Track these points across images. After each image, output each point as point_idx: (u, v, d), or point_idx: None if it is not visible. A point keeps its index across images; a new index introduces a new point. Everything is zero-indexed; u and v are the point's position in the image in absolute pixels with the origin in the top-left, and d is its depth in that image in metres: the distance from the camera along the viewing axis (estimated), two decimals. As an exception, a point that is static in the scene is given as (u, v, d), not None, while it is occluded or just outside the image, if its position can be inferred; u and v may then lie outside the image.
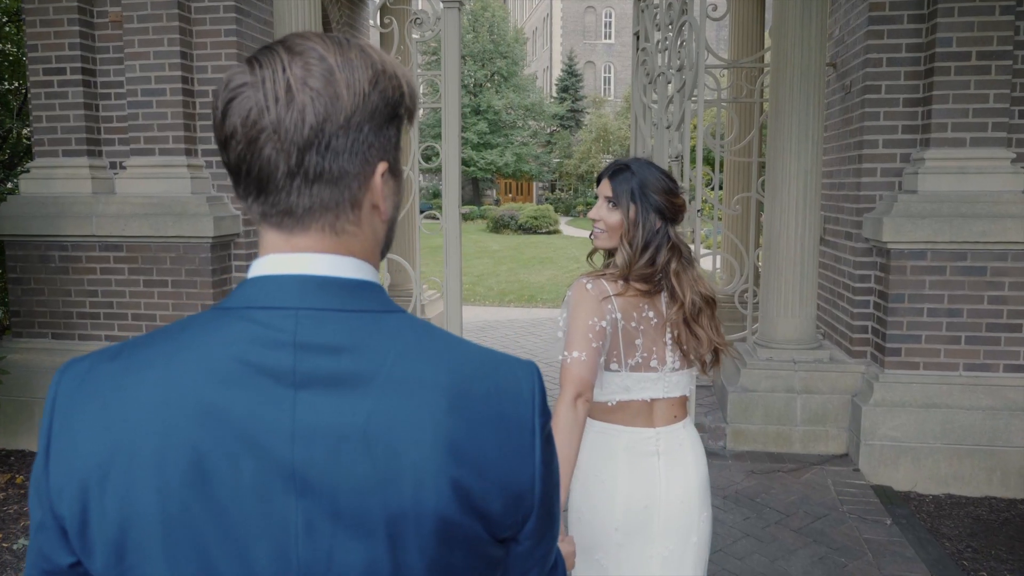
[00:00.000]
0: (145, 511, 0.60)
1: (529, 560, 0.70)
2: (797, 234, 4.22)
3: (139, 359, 0.64)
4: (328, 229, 0.66)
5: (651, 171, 1.73)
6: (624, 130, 33.14)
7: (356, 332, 0.64)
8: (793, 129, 4.16)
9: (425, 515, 0.61)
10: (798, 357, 4.27)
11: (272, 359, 0.62)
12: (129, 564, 0.61)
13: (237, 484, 0.60)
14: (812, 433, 4.18)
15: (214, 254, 4.38)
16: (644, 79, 4.44)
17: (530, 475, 0.66)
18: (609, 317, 1.64)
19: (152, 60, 4.32)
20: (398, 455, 0.61)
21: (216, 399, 0.61)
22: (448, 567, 0.63)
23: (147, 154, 4.41)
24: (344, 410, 0.61)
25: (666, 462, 1.69)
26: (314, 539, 0.60)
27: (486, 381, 0.66)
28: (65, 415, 0.63)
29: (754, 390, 4.22)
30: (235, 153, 0.64)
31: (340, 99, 0.62)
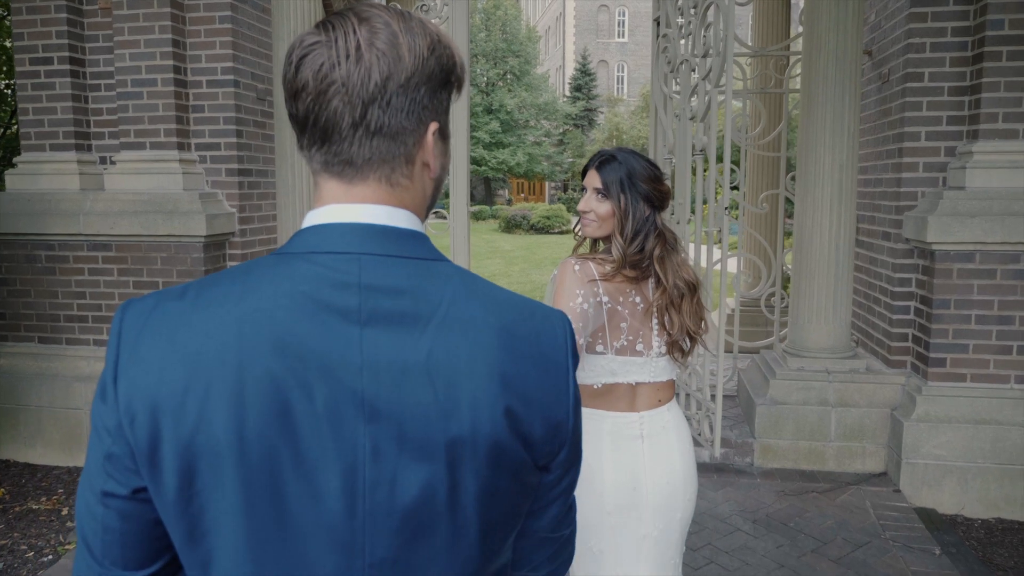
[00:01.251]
0: (221, 437, 0.63)
1: (554, 490, 0.76)
2: (831, 234, 3.91)
3: (207, 297, 0.67)
4: (384, 181, 0.71)
5: (637, 160, 1.75)
6: (639, 129, 32.72)
7: (413, 276, 0.68)
8: (827, 121, 3.85)
9: (480, 439, 0.67)
10: (832, 367, 3.95)
11: (339, 298, 0.66)
12: (198, 488, 0.64)
13: (312, 411, 0.64)
14: (847, 450, 3.86)
15: (207, 254, 4.13)
16: (665, 67, 4.14)
17: (566, 408, 0.73)
18: (593, 300, 1.65)
19: (143, 49, 4.08)
20: (456, 386, 0.66)
21: (290, 332, 0.65)
22: (495, 491, 0.69)
23: (137, 148, 4.17)
24: (406, 346, 0.66)
25: (650, 445, 1.72)
26: (380, 462, 0.65)
27: (528, 323, 0.72)
28: (132, 348, 0.66)
29: (784, 402, 3.91)
30: (304, 104, 0.68)
31: (402, 60, 0.68)
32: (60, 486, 3.89)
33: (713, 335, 3.79)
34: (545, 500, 0.77)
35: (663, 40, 4.18)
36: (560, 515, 0.80)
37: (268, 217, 4.52)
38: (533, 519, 0.78)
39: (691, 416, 3.97)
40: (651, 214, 1.73)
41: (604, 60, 43.23)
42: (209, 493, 0.64)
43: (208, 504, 0.65)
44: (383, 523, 0.66)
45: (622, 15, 44.25)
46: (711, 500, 3.53)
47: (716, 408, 3.59)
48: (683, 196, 3.96)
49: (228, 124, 4.20)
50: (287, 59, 0.70)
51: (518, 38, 34.24)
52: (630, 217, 1.70)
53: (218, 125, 4.21)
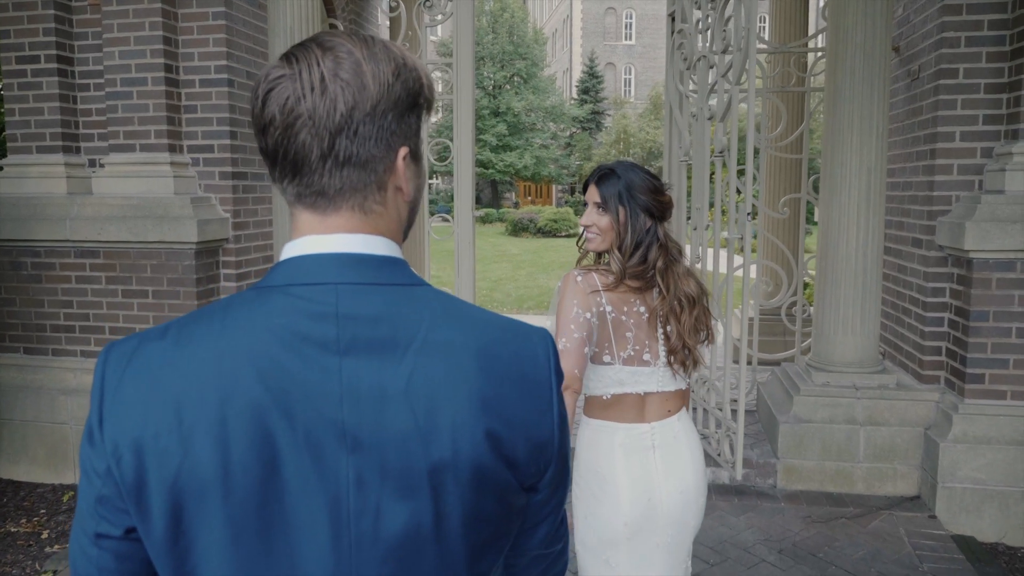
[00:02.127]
0: (205, 473, 0.64)
1: (544, 509, 0.77)
2: (859, 240, 3.67)
3: (187, 335, 0.68)
4: (358, 209, 0.72)
5: (636, 173, 1.76)
6: (647, 132, 32.47)
7: (391, 303, 0.69)
8: (855, 120, 3.61)
9: (463, 464, 0.67)
10: (860, 382, 3.71)
11: (317, 329, 0.67)
12: (185, 526, 0.64)
13: (294, 443, 0.65)
14: (877, 471, 3.62)
15: (199, 261, 3.94)
16: (681, 64, 3.92)
17: (550, 428, 0.73)
18: (597, 310, 1.66)
19: (132, 46, 3.89)
20: (437, 411, 0.67)
21: (269, 366, 0.65)
22: (481, 514, 0.69)
23: (127, 150, 3.98)
24: (386, 373, 0.67)
25: (662, 455, 1.72)
26: (363, 492, 0.66)
27: (508, 345, 0.72)
28: (115, 390, 0.67)
29: (809, 420, 3.67)
30: (273, 138, 0.69)
31: (367, 89, 0.68)
32: (43, 506, 3.70)
33: (728, 347, 3.56)
34: (535, 519, 0.77)
35: (678, 36, 3.96)
36: (551, 532, 0.81)
37: (264, 223, 4.32)
38: (525, 538, 0.78)
39: (709, 435, 3.74)
40: (652, 225, 1.74)
41: (611, 62, 42.99)
42: (196, 530, 0.65)
43: (195, 541, 0.65)
44: (369, 552, 0.66)
45: (629, 17, 44.01)
46: (732, 527, 3.30)
47: (738, 427, 3.36)
48: (701, 201, 3.74)
49: (222, 125, 4.01)
50: (253, 93, 0.71)
51: (525, 41, 34.05)
52: (629, 229, 1.72)
53: (211, 126, 4.02)
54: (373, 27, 6.03)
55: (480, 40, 32.97)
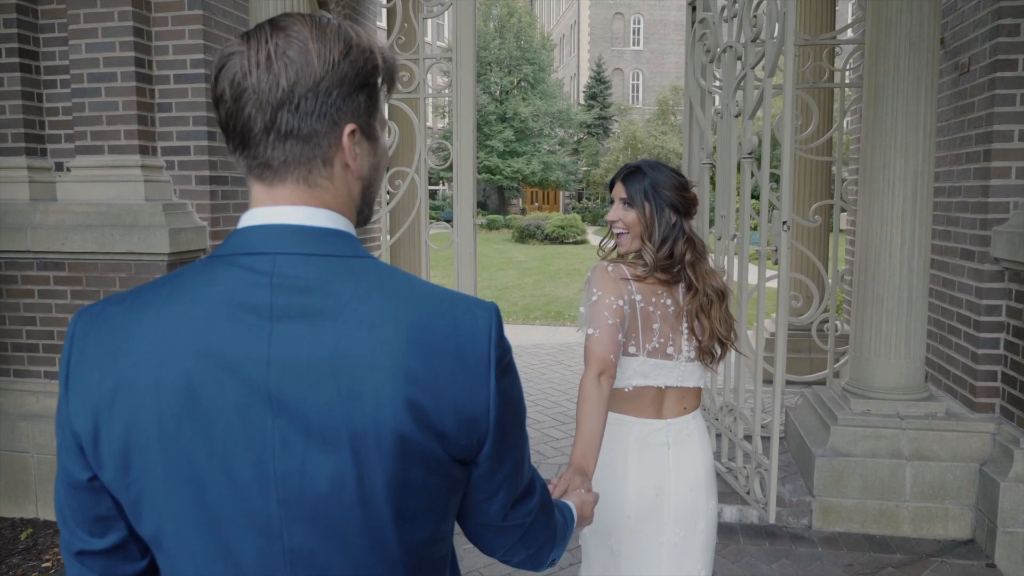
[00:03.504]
0: (145, 430, 0.69)
1: (492, 482, 0.77)
2: (904, 252, 3.28)
3: (140, 301, 0.73)
4: (302, 182, 0.74)
5: (661, 170, 1.79)
6: (655, 138, 32.07)
7: (326, 273, 0.71)
8: (899, 118, 3.23)
9: (384, 432, 0.68)
10: (904, 410, 3.32)
11: (253, 296, 0.70)
12: (133, 476, 0.70)
13: (223, 405, 0.68)
14: (926, 512, 3.22)
15: (172, 274, 3.58)
16: (703, 57, 3.55)
17: (484, 401, 0.73)
18: (628, 297, 1.68)
19: (100, 38, 3.55)
20: (359, 380, 0.68)
21: (204, 333, 0.69)
22: (407, 481, 0.70)
23: (94, 152, 3.64)
24: (313, 340, 0.69)
25: (675, 452, 1.75)
26: (289, 453, 0.69)
27: (444, 317, 0.72)
28: (80, 351, 0.73)
29: (849, 454, 3.27)
30: (224, 111, 0.73)
31: (311, 66, 0.71)
32: (-4, 545, 3.34)
33: (758, 370, 3.17)
34: (486, 491, 0.78)
35: (700, 27, 3.59)
36: (507, 505, 0.81)
37: (246, 231, 3.96)
38: (481, 512, 0.80)
39: (736, 469, 3.35)
40: (678, 220, 1.76)
41: (619, 68, 42.67)
42: (141, 483, 0.70)
43: (143, 493, 0.71)
44: (296, 510, 0.69)
45: (637, 23, 43.69)
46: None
47: (771, 464, 2.97)
48: (726, 207, 3.36)
49: (199, 125, 3.66)
50: (211, 70, 0.74)
51: (532, 46, 33.76)
52: (656, 224, 1.74)
53: (187, 126, 3.67)
54: (370, 18, 5.69)
55: (487, 45, 32.70)
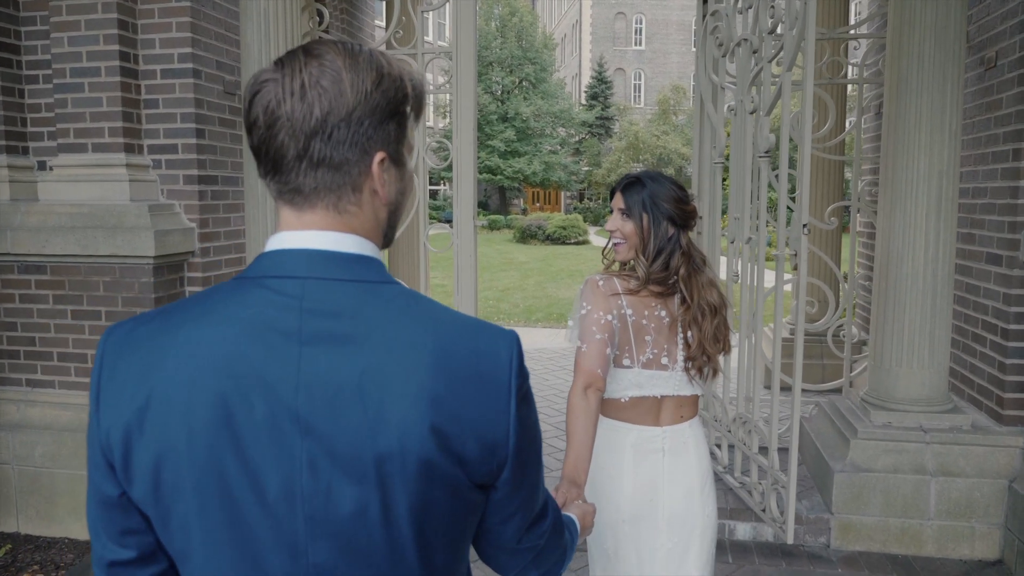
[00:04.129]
0: (177, 448, 0.70)
1: (509, 506, 0.79)
2: (927, 257, 3.11)
3: (172, 321, 0.74)
4: (332, 208, 0.75)
5: (661, 182, 1.79)
6: (657, 138, 31.88)
7: (354, 299, 0.73)
8: (923, 115, 3.06)
9: (409, 457, 0.69)
10: (927, 423, 3.15)
11: (282, 320, 0.71)
12: (163, 492, 0.71)
13: (253, 423, 0.69)
14: (951, 530, 3.05)
15: (159, 278, 3.42)
16: (715, 50, 3.38)
17: (504, 428, 0.74)
18: (617, 312, 1.71)
19: (83, 31, 3.39)
20: (386, 405, 0.69)
21: (235, 353, 0.70)
22: (429, 505, 0.71)
23: (77, 151, 3.48)
24: (341, 365, 0.70)
25: (670, 459, 1.76)
26: (316, 475, 0.69)
27: (468, 344, 0.74)
28: (111, 369, 0.73)
29: (870, 469, 3.10)
30: (257, 137, 0.74)
31: (344, 96, 0.72)
32: (-28, 563, 3.18)
33: (776, 381, 3.00)
34: (502, 515, 0.79)
35: (712, 19, 3.42)
36: (522, 528, 0.82)
37: (236, 233, 3.80)
38: (496, 535, 0.82)
39: (750, 484, 3.18)
40: (675, 233, 1.76)
41: (621, 68, 42.47)
42: (172, 499, 0.71)
43: (172, 509, 0.72)
44: (322, 528, 0.70)
45: (639, 22, 43.49)
46: (783, 602, 2.74)
47: (789, 481, 2.80)
48: (740, 209, 3.19)
49: (187, 122, 3.50)
50: (244, 94, 0.76)
51: (534, 45, 33.57)
52: (652, 236, 1.74)
53: (175, 123, 3.51)
54: (368, 12, 5.52)
55: (488, 44, 32.53)
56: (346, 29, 5.12)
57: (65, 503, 3.43)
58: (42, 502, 3.45)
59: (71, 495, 3.43)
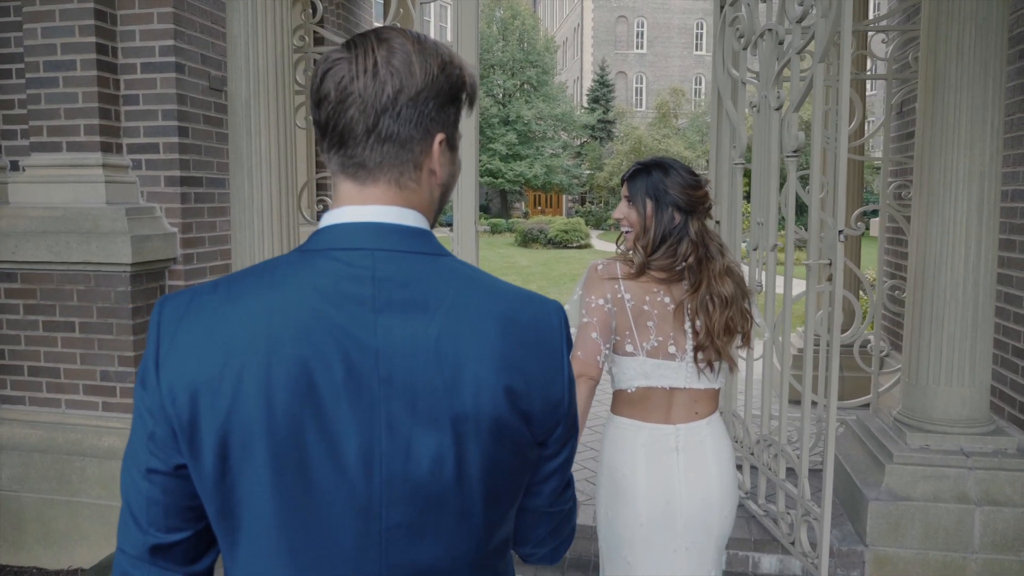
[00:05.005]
0: (252, 414, 0.71)
1: (551, 464, 0.84)
2: (968, 264, 2.87)
3: (237, 291, 0.75)
4: (394, 183, 0.79)
5: (668, 168, 1.74)
6: (658, 141, 31.66)
7: (421, 269, 0.77)
8: (963, 112, 2.82)
9: (483, 416, 0.74)
10: (969, 446, 2.90)
11: (356, 289, 0.74)
12: (231, 463, 0.72)
13: (334, 388, 0.71)
14: (999, 565, 2.80)
15: (136, 287, 3.18)
16: (735, 43, 3.14)
17: (561, 387, 0.81)
18: (613, 296, 1.67)
19: (58, 22, 3.16)
20: (461, 367, 0.74)
21: (313, 319, 0.72)
22: (498, 462, 0.76)
23: (51, 150, 3.25)
24: (417, 331, 0.73)
25: (685, 459, 1.69)
26: (394, 434, 0.73)
27: (525, 311, 0.79)
28: (172, 337, 0.74)
29: (907, 497, 2.85)
30: (326, 112, 0.77)
31: (414, 76, 0.76)
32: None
33: (807, 400, 2.75)
34: (543, 474, 0.84)
35: (731, 9, 3.18)
36: (558, 489, 0.87)
37: (223, 238, 3.57)
38: (532, 495, 0.85)
39: (776, 513, 2.93)
40: (682, 220, 1.71)
41: (623, 71, 42.31)
42: (241, 469, 0.71)
43: (240, 478, 0.72)
44: (398, 490, 0.72)
45: (641, 26, 43.37)
46: (816, 646, 2.49)
47: (823, 513, 2.55)
48: (764, 214, 2.94)
49: (169, 120, 3.27)
50: (314, 72, 0.79)
51: (536, 48, 33.40)
52: (655, 223, 1.70)
53: (156, 121, 3.28)
54: (365, 8, 5.29)
55: (490, 48, 32.36)
56: (342, 25, 4.89)
57: (34, 530, 3.19)
58: (8, 528, 3.21)
59: (41, 521, 3.18)
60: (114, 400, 3.25)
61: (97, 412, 3.26)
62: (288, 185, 3.24)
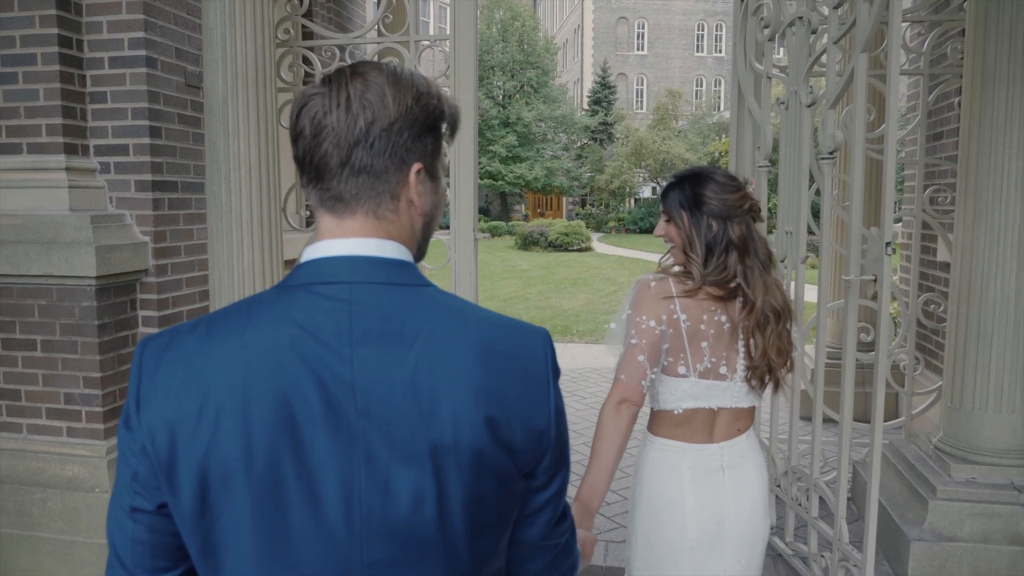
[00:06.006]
0: (230, 452, 0.70)
1: (542, 496, 0.82)
2: (1020, 278, 2.60)
3: (216, 329, 0.76)
4: (371, 215, 0.79)
5: (699, 177, 1.65)
6: (659, 143, 31.36)
7: (400, 300, 0.76)
8: (1015, 109, 2.55)
9: (463, 447, 0.72)
10: (1022, 480, 2.62)
11: (333, 323, 0.74)
12: (211, 502, 0.71)
13: (313, 420, 0.71)
14: (1056, 613, 2.52)
15: (103, 302, 2.90)
16: (759, 34, 2.87)
17: (546, 417, 0.79)
18: (668, 317, 1.58)
19: (16, 12, 2.89)
20: (439, 399, 0.73)
21: (290, 355, 0.72)
22: (482, 497, 0.75)
23: (10, 152, 2.97)
24: (393, 363, 0.73)
25: (731, 476, 1.65)
26: (373, 468, 0.71)
27: (507, 340, 0.78)
28: (152, 377, 0.74)
29: (953, 537, 2.57)
30: (302, 147, 0.79)
31: (387, 108, 0.77)
32: None
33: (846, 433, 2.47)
34: (534, 506, 0.81)
35: None
36: (551, 521, 0.84)
37: (200, 247, 3.29)
38: (524, 528, 0.82)
39: (808, 555, 2.65)
40: (722, 228, 1.60)
41: (623, 73, 42.07)
42: (220, 506, 0.71)
43: (219, 516, 0.71)
44: (378, 528, 0.72)
45: (641, 27, 43.15)
46: None
47: (866, 560, 2.26)
48: (793, 222, 2.67)
49: (140, 119, 2.99)
50: (292, 109, 0.80)
51: (536, 50, 33.13)
52: (695, 234, 1.61)
53: (126, 120, 3.00)
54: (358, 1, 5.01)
55: (490, 49, 32.12)
56: (333, 19, 4.61)
57: (-10, 569, 2.91)
58: (-38, 568, 2.93)
59: (-3, 559, 2.90)
60: (79, 425, 2.97)
61: (61, 438, 2.98)
62: (270, 190, 2.97)
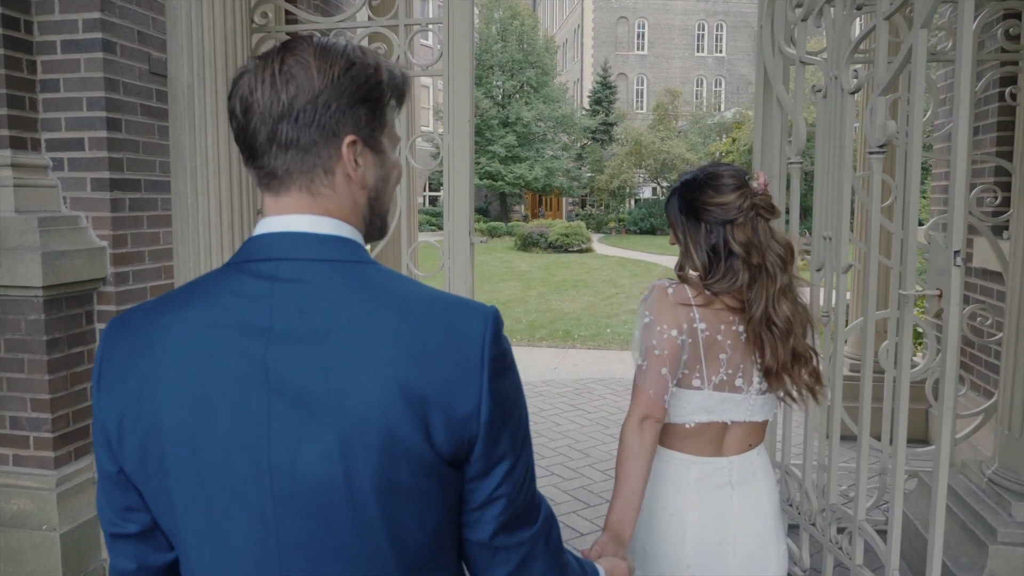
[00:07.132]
0: (161, 427, 0.75)
1: (485, 488, 0.77)
2: (1091, 291, 2.28)
3: (160, 309, 0.79)
4: (305, 190, 0.79)
5: (695, 180, 1.56)
6: (658, 143, 31.02)
7: (327, 277, 0.76)
8: (1086, 97, 2.23)
9: (372, 431, 0.71)
10: (1092, 520, 2.30)
11: (253, 300, 0.75)
12: (151, 471, 0.76)
13: (229, 403, 0.73)
14: None
15: (52, 315, 2.58)
16: (791, 14, 2.55)
17: (475, 402, 0.74)
18: (688, 326, 1.50)
19: (-44, -10, 2.56)
20: (352, 379, 0.71)
21: (213, 332, 0.75)
22: (395, 482, 0.72)
23: (-50, 147, 2.64)
24: (310, 341, 0.72)
25: (740, 494, 1.57)
26: (282, 448, 0.72)
27: (441, 319, 0.75)
28: (109, 354, 0.79)
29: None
30: (236, 125, 0.79)
31: (311, 81, 0.76)
32: None
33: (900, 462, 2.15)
34: (477, 500, 0.77)
35: (784, -24, 2.58)
36: (498, 522, 0.79)
37: (167, 253, 2.96)
38: (470, 527, 0.79)
39: (850, 605, 2.33)
40: (720, 233, 1.50)
41: (623, 73, 41.78)
42: (159, 477, 0.75)
43: (160, 485, 0.76)
44: (289, 505, 0.72)
45: (641, 27, 42.87)
46: None
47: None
48: (833, 226, 2.35)
49: (96, 109, 2.67)
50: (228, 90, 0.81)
51: (535, 49, 32.81)
52: (693, 243, 1.54)
53: (80, 111, 2.69)
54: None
55: (489, 48, 31.82)
56: (319, 5, 4.29)
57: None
58: None
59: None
60: (26, 453, 2.65)
61: (6, 467, 2.67)
62: (242, 189, 2.65)
